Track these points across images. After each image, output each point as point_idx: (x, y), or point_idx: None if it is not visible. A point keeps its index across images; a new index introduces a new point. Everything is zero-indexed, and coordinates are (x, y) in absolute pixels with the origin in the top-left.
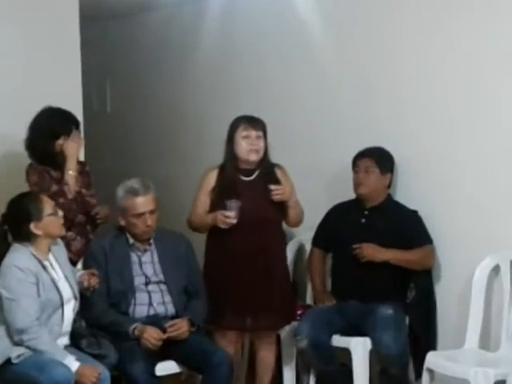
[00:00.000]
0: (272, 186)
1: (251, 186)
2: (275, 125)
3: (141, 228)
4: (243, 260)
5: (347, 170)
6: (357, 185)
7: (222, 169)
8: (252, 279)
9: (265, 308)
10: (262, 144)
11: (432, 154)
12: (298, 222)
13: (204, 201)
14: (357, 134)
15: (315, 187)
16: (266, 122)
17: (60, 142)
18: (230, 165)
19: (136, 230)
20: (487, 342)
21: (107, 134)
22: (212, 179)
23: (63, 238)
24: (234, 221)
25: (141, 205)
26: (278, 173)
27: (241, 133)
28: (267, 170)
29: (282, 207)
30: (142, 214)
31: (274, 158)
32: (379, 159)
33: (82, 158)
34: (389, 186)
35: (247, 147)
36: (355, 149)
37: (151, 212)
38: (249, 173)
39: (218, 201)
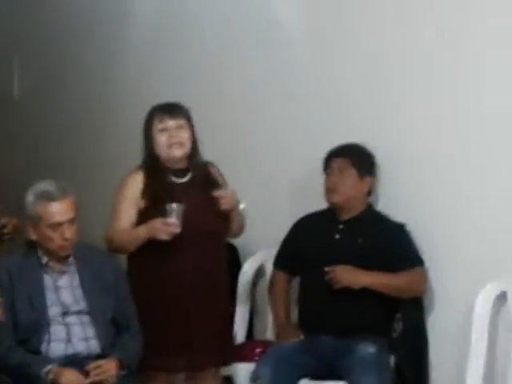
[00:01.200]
0: (217, 193)
1: (187, 189)
2: (225, 119)
3: (57, 242)
4: (180, 285)
5: (316, 174)
6: (329, 191)
7: (147, 170)
8: (191, 307)
9: (204, 343)
10: (185, 134)
11: (423, 152)
12: (240, 232)
13: (129, 213)
14: (327, 128)
15: (277, 195)
16: (215, 115)
17: None
18: (153, 166)
19: (51, 246)
20: None
21: (13, 127)
22: (137, 183)
23: None
24: (178, 229)
25: (57, 212)
26: (214, 172)
27: (156, 126)
28: (202, 170)
29: (224, 217)
30: (58, 225)
31: (223, 162)
32: (357, 159)
33: None
34: (369, 193)
35: (166, 141)
36: (326, 147)
37: (70, 221)
38: (180, 173)
39: (152, 209)
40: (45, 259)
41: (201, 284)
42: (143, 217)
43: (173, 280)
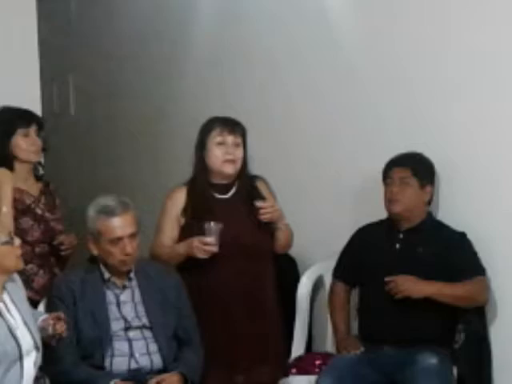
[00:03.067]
0: (259, 203)
1: (229, 205)
2: (287, 126)
3: (118, 257)
4: (229, 301)
5: (375, 183)
6: (390, 201)
7: (192, 185)
8: (242, 325)
9: (259, 360)
10: (239, 154)
11: (485, 159)
12: (287, 248)
13: (171, 228)
14: (387, 137)
15: (336, 205)
16: (277, 122)
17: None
18: (201, 178)
19: (112, 260)
20: None
21: (70, 142)
22: (180, 200)
23: (21, 272)
24: (216, 248)
25: (117, 227)
26: (261, 187)
27: (214, 138)
28: (247, 185)
29: (268, 231)
30: (119, 239)
31: (282, 168)
32: (418, 168)
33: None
34: (429, 202)
35: (222, 157)
36: (385, 157)
37: (131, 236)
38: (223, 189)
39: (192, 225)
40: (107, 275)
41: (244, 298)
42: (184, 233)
43: (214, 295)
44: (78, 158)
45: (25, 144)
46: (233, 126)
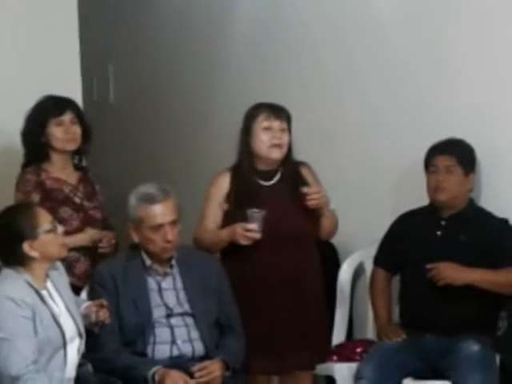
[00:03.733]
0: (306, 189)
1: (273, 192)
2: (330, 113)
3: (159, 244)
4: (272, 288)
5: (416, 171)
6: (435, 189)
7: (236, 171)
8: (278, 308)
9: (301, 346)
10: (285, 139)
11: None
12: (331, 235)
13: (215, 213)
14: (427, 123)
15: (378, 191)
16: (320, 108)
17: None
18: (247, 164)
19: (153, 248)
20: None
21: (110, 130)
22: (224, 185)
23: (63, 259)
24: (258, 235)
25: (158, 214)
26: (305, 173)
27: (261, 123)
28: (291, 172)
29: (313, 217)
30: (160, 227)
31: (324, 155)
32: (462, 157)
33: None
34: (471, 189)
35: (268, 141)
36: (427, 142)
37: (172, 223)
38: (268, 175)
39: (235, 211)
40: (148, 262)
41: (287, 284)
42: (228, 219)
43: (258, 281)
44: (117, 147)
45: (59, 133)
46: (279, 111)
